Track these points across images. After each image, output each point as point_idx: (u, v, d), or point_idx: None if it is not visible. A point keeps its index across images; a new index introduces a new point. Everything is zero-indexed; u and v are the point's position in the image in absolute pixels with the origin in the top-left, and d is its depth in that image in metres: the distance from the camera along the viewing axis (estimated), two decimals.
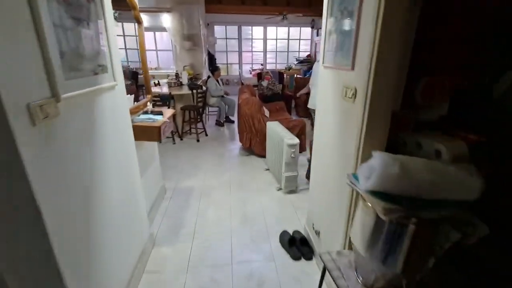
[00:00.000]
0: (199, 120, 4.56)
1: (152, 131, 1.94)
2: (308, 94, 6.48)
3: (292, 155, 2.63)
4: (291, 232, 2.19)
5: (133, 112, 2.00)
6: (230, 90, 9.39)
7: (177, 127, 4.54)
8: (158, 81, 5.39)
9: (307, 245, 2.04)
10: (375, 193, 1.04)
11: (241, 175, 3.26)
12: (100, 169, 1.33)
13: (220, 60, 9.35)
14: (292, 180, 2.78)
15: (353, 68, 1.27)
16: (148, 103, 2.22)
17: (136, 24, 2.28)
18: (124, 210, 1.63)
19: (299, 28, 9.52)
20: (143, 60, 2.27)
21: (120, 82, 1.60)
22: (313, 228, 1.99)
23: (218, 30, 9.09)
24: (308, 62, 9.62)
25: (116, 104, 1.55)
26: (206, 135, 4.74)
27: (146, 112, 2.17)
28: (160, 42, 6.32)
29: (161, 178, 2.77)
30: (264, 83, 5.95)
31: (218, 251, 2.04)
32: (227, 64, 9.54)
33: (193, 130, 4.58)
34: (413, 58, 1.23)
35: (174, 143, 4.34)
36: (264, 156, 3.64)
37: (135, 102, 2.14)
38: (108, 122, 1.44)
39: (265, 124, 3.37)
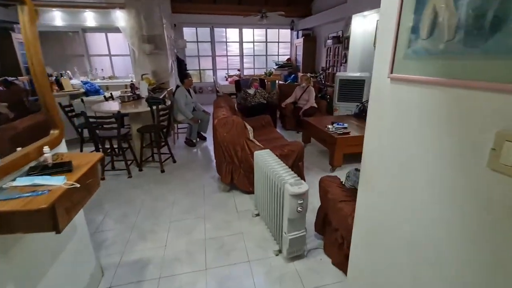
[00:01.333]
0: (163, 144, 3.54)
1: (34, 217, 0.94)
2: (294, 103, 5.68)
3: (299, 208, 1.73)
4: None
5: None
6: (204, 99, 8.37)
7: (134, 154, 3.49)
8: (111, 94, 4.29)
9: None
10: None
11: (221, 229, 2.30)
12: None
13: (191, 66, 8.33)
14: (299, 242, 1.88)
15: None
16: (46, 149, 1.20)
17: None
18: None
19: (277, 30, 8.77)
20: (32, 69, 1.25)
21: None
22: None
23: (188, 32, 8.08)
24: (289, 67, 8.89)
25: None
26: (174, 161, 3.72)
27: (41, 170, 1.16)
28: (114, 45, 5.20)
29: (92, 256, 1.73)
30: (251, 91, 5.03)
31: None
32: (199, 70, 8.53)
33: (157, 156, 3.55)
34: None
35: (130, 177, 3.27)
36: (251, 192, 2.72)
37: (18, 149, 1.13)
38: None
39: (252, 153, 2.46)
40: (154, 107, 3.21)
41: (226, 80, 7.76)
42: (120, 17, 4.62)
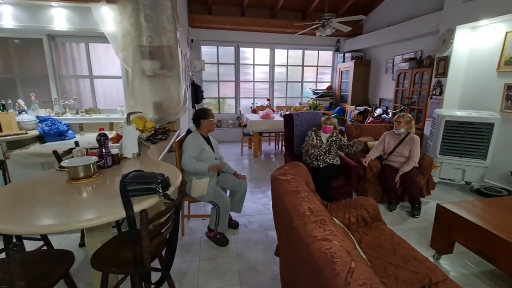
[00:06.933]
0: (157, 283, 1.52)
1: None
2: (380, 158, 2.89)
3: None
4: None
5: None
6: (222, 136, 6.43)
7: None
8: (76, 143, 2.37)
9: None
10: None
11: None
12: None
13: (208, 93, 6.55)
14: None
15: None
16: None
17: None
18: None
19: (316, 51, 7.06)
20: None
21: None
22: None
23: (205, 51, 6.41)
24: (330, 96, 7.06)
25: None
26: None
27: None
28: (98, 61, 3.41)
29: None
30: (323, 137, 2.97)
31: None
32: (218, 98, 6.75)
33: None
34: None
35: None
36: None
37: None
38: None
39: None
40: (139, 210, 1.22)
41: (254, 112, 5.89)
42: (106, 17, 2.85)
